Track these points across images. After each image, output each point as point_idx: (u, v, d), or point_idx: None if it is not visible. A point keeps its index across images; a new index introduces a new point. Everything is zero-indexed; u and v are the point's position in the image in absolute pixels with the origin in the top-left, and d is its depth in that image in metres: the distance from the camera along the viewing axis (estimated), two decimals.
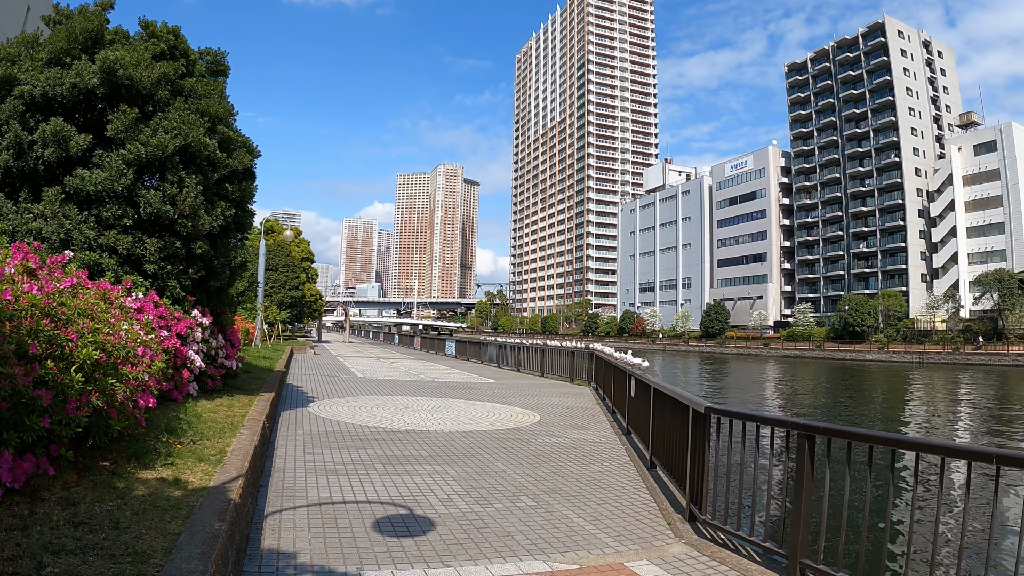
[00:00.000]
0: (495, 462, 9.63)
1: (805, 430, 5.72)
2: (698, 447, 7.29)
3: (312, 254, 71.67)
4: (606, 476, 9.30)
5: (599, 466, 9.94)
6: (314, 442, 10.10)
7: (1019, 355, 76.79)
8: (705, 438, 7.10)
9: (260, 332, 33.92)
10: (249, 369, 16.84)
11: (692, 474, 7.36)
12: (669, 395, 8.56)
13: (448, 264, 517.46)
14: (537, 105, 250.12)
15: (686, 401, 7.63)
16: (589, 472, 9.46)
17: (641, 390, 11.13)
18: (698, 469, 7.28)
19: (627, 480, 9.16)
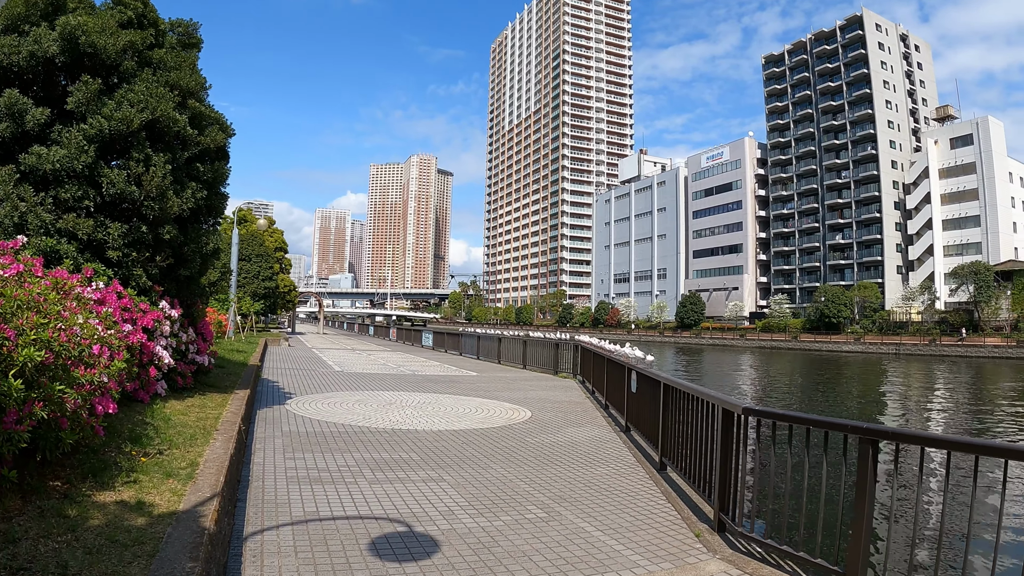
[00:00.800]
0: (493, 465, 8.86)
1: (868, 435, 5.01)
2: (729, 452, 6.57)
3: (286, 244, 70.41)
4: (615, 479, 8.57)
5: (604, 468, 9.20)
6: (295, 445, 9.26)
7: (995, 347, 77.54)
8: (739, 442, 6.37)
9: (233, 324, 32.88)
10: (222, 364, 15.94)
11: (722, 481, 6.63)
12: (691, 394, 7.80)
13: (421, 255, 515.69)
14: (512, 95, 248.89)
15: (715, 400, 6.90)
16: (596, 475, 8.72)
17: (647, 385, 10.40)
18: (729, 476, 6.57)
19: (638, 484, 8.43)
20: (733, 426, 6.53)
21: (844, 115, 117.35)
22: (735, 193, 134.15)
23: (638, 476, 8.86)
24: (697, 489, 7.56)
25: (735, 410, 6.38)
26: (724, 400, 6.67)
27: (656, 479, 8.71)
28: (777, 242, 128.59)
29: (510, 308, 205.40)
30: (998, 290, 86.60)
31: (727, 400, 6.63)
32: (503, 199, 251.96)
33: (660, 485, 8.41)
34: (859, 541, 5.04)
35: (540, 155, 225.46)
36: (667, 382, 9.05)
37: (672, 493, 8.01)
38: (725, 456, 6.64)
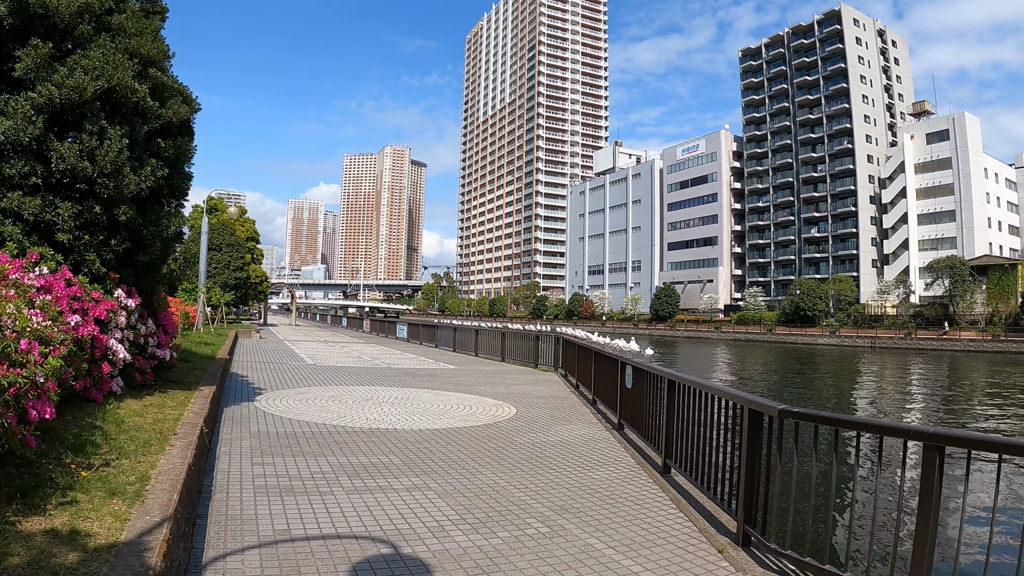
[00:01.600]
0: (483, 470, 8.09)
1: (935, 440, 4.30)
2: (758, 457, 5.88)
3: (257, 234, 69.13)
4: (617, 485, 7.85)
5: (603, 471, 8.47)
6: (264, 447, 8.43)
7: (971, 341, 78.01)
8: (769, 446, 5.66)
9: (202, 315, 31.81)
10: (188, 357, 15.03)
11: (748, 490, 5.93)
12: (709, 392, 7.06)
13: (394, 246, 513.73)
14: (487, 86, 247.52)
15: (739, 400, 6.20)
16: (595, 480, 7.98)
17: (647, 382, 9.66)
18: (756, 485, 5.87)
19: (643, 490, 7.71)
20: (762, 429, 5.84)
21: (821, 109, 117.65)
22: (710, 186, 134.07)
23: (641, 481, 8.15)
24: (713, 497, 6.84)
25: (767, 411, 5.67)
26: (752, 400, 5.96)
27: (662, 484, 8.02)
28: (752, 235, 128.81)
29: (483, 300, 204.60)
30: (973, 284, 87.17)
31: (756, 400, 5.91)
32: (477, 190, 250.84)
33: (667, 491, 7.72)
34: (922, 564, 4.35)
35: (515, 146, 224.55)
36: (675, 378, 8.32)
37: (682, 500, 7.33)
38: (752, 463, 5.96)
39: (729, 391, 6.60)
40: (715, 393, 6.90)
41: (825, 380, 46.30)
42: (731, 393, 6.51)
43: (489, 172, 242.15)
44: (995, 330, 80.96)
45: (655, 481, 8.17)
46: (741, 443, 6.09)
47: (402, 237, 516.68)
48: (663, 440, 8.61)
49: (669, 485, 7.95)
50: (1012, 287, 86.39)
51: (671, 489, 7.77)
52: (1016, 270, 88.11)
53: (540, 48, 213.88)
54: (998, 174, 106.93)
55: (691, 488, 7.80)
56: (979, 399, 35.19)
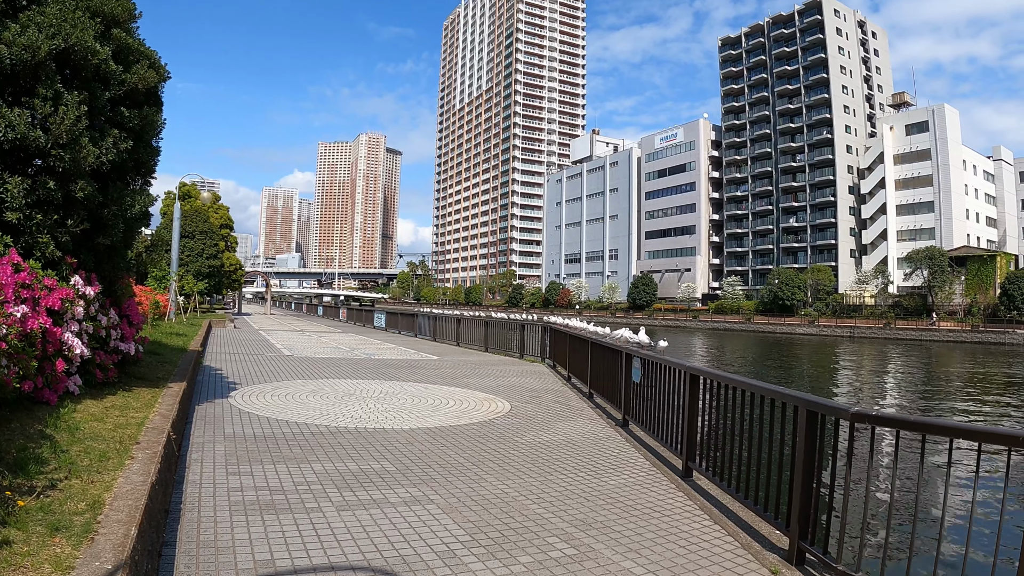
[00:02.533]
0: (487, 476, 7.25)
1: None
2: (815, 465, 5.18)
3: (231, 221, 67.68)
4: (637, 492, 7.07)
5: (619, 476, 7.68)
6: (240, 453, 7.51)
7: (950, 331, 78.26)
8: (834, 454, 4.90)
9: (174, 305, 30.67)
10: (158, 350, 14.04)
11: (803, 503, 5.18)
12: (756, 392, 6.23)
13: (369, 234, 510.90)
14: (464, 73, 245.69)
15: (797, 401, 5.38)
16: (613, 487, 7.19)
17: (661, 376, 8.85)
18: (814, 497, 5.14)
19: (667, 498, 6.95)
20: (817, 431, 5.13)
21: (800, 99, 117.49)
22: (689, 174, 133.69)
23: (662, 487, 7.36)
24: (754, 507, 6.06)
25: (835, 415, 4.89)
26: (814, 401, 5.17)
27: (686, 490, 7.24)
28: (730, 224, 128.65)
29: (459, 288, 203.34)
30: (952, 275, 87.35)
31: (818, 401, 5.13)
32: (453, 178, 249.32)
33: (693, 498, 6.95)
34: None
35: (491, 134, 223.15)
36: (699, 373, 7.56)
37: (713, 509, 6.57)
38: (808, 471, 5.19)
39: (778, 390, 5.79)
40: (761, 392, 6.09)
41: (804, 368, 46.05)
42: (783, 392, 5.70)
43: (465, 160, 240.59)
44: (974, 320, 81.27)
45: (678, 487, 7.39)
46: (795, 449, 5.31)
47: (377, 225, 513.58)
48: (683, 441, 7.83)
49: (694, 491, 7.19)
50: (990, 278, 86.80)
51: (697, 496, 7.00)
52: (995, 261, 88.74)
53: (518, 36, 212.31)
54: (976, 166, 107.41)
55: (719, 493, 7.08)
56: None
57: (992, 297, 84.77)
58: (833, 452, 4.99)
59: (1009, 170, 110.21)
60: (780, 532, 5.65)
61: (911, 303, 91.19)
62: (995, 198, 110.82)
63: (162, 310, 27.05)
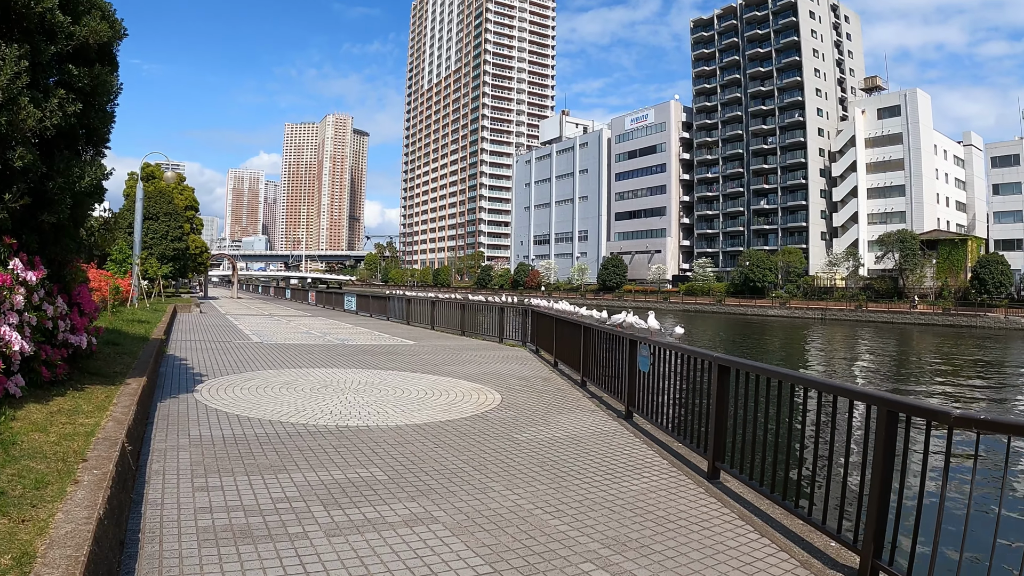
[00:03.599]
0: (493, 485, 6.34)
1: None
2: (888, 474, 4.49)
3: (197, 202, 65.91)
4: (665, 499, 6.24)
5: (639, 480, 6.83)
6: (208, 462, 6.52)
7: (922, 314, 78.67)
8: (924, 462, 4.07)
9: (137, 290, 29.39)
10: (116, 339, 12.94)
11: (878, 515, 4.41)
12: (818, 387, 5.40)
13: (336, 216, 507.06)
14: (432, 54, 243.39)
15: (879, 402, 4.57)
16: (636, 494, 6.35)
17: (683, 367, 8.00)
18: (887, 506, 4.40)
19: (699, 504, 6.13)
20: (896, 434, 4.37)
21: (772, 82, 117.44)
22: (659, 156, 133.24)
23: (690, 491, 6.54)
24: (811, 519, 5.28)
25: (929, 417, 4.08)
26: (898, 401, 4.39)
27: (717, 495, 6.44)
28: (701, 206, 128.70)
29: (427, 270, 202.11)
30: (923, 259, 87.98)
31: (904, 402, 4.35)
32: (421, 159, 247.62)
33: (728, 505, 6.15)
34: None
35: (460, 115, 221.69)
36: (730, 363, 6.77)
37: (754, 519, 5.78)
38: (885, 481, 4.44)
39: (847, 387, 4.98)
40: (817, 388, 5.28)
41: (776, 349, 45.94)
42: (851, 390, 4.88)
43: (434, 141, 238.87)
44: (945, 304, 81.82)
45: (706, 491, 6.57)
46: (876, 454, 4.50)
47: (344, 207, 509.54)
48: (710, 439, 7.01)
49: (726, 496, 6.40)
50: (961, 262, 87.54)
51: (732, 502, 6.20)
52: (965, 245, 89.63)
53: (487, 15, 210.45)
54: (947, 151, 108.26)
55: (753, 497, 6.34)
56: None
57: (963, 281, 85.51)
58: (915, 459, 4.17)
59: (979, 155, 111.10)
60: (846, 548, 4.90)
61: (882, 286, 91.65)
62: (965, 183, 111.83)
63: (123, 295, 25.81)
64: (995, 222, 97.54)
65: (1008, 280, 78.73)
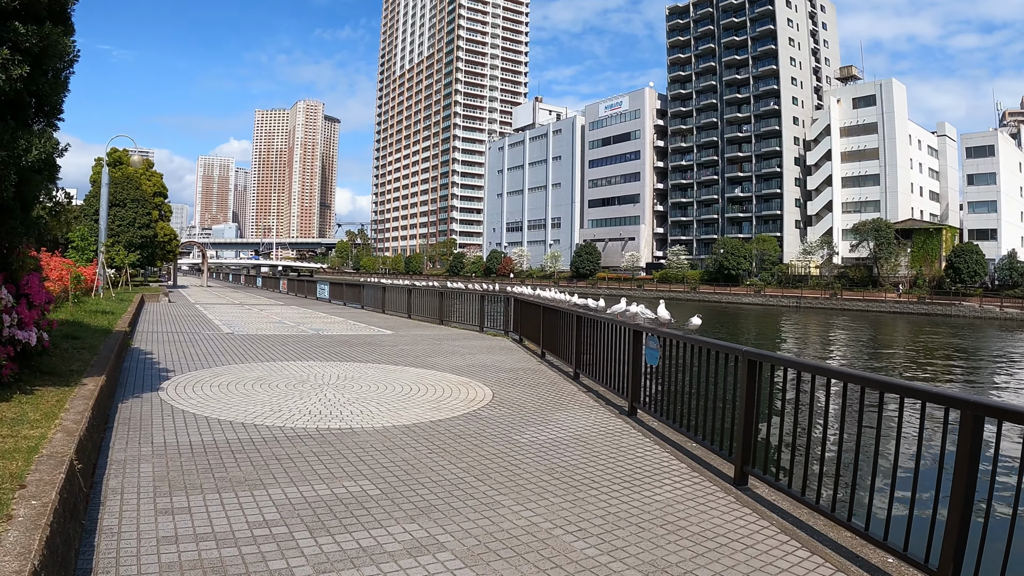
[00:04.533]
0: (501, 499, 5.59)
1: None
2: (971, 488, 3.91)
3: (165, 189, 64.21)
4: (695, 512, 5.54)
5: (660, 488, 6.14)
6: (173, 476, 5.69)
7: (896, 302, 79.01)
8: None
9: (103, 279, 28.21)
10: (77, 332, 12.00)
11: (960, 531, 3.79)
12: (882, 386, 4.72)
13: (307, 203, 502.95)
14: (405, 39, 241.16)
15: (969, 407, 3.90)
16: (662, 505, 5.66)
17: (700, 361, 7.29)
18: (965, 522, 3.86)
19: (736, 517, 5.45)
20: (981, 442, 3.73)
21: (748, 70, 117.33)
22: (633, 143, 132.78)
23: (719, 500, 5.87)
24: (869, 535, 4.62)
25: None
26: (992, 406, 3.74)
27: (750, 504, 5.80)
28: (675, 193, 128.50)
29: (399, 257, 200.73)
30: (898, 247, 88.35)
31: (999, 406, 3.69)
32: (393, 146, 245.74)
33: (766, 517, 5.50)
34: None
35: (432, 101, 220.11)
36: (761, 358, 6.11)
37: (799, 532, 5.17)
38: (968, 497, 3.86)
39: (912, 386, 4.33)
40: (880, 387, 4.63)
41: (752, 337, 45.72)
42: (929, 392, 4.21)
43: (406, 127, 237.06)
44: (920, 292, 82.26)
45: (737, 499, 5.93)
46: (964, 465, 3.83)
47: (315, 194, 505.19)
48: (737, 442, 6.34)
49: (760, 505, 5.78)
50: (936, 251, 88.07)
51: (770, 514, 5.58)
52: (940, 234, 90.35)
53: (460, 1, 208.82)
54: (921, 141, 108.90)
55: (790, 506, 5.72)
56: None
57: (937, 269, 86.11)
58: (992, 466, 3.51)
59: (952, 146, 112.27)
60: (917, 569, 4.26)
61: (856, 274, 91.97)
62: (938, 173, 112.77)
63: (86, 285, 24.74)
64: (969, 212, 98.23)
65: (983, 269, 79.23)
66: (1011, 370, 32.17)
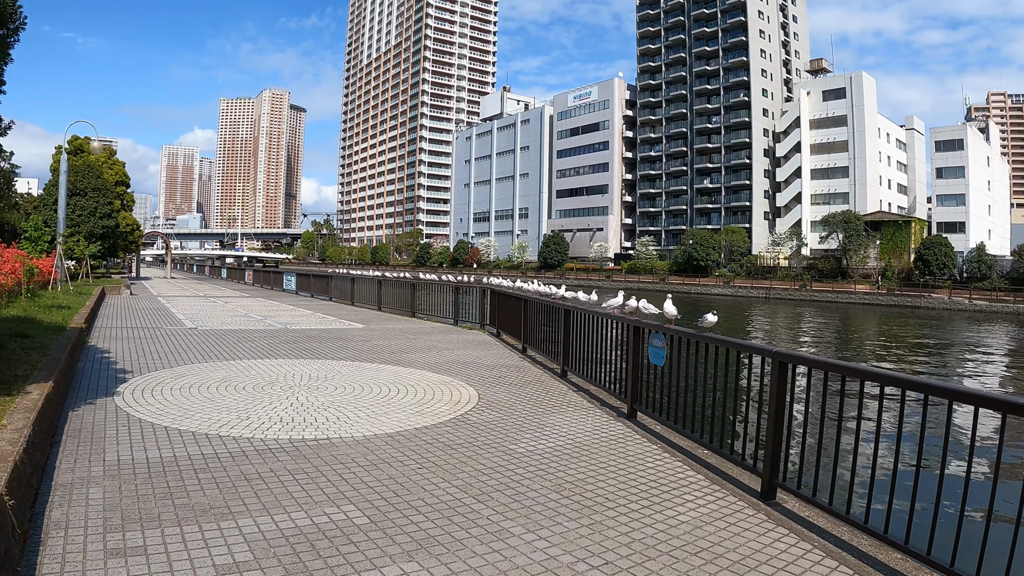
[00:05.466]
0: (510, 525, 4.89)
1: None
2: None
3: (128, 177, 62.45)
4: (729, 534, 4.92)
5: (683, 505, 5.49)
6: (127, 504, 4.88)
7: (866, 294, 79.83)
8: None
9: (62, 271, 26.98)
10: (26, 331, 11.05)
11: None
12: (930, 389, 4.11)
13: (273, 193, 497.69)
14: (372, 28, 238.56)
15: None
16: (689, 526, 5.02)
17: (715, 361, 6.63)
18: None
19: (773, 540, 4.83)
20: None
21: (718, 61, 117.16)
22: (602, 133, 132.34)
23: (750, 519, 5.25)
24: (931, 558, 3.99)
25: None
26: None
27: (785, 523, 5.19)
28: (644, 184, 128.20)
29: (365, 248, 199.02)
30: (867, 239, 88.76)
31: None
32: (359, 135, 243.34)
33: (807, 538, 4.89)
34: None
35: (399, 90, 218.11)
36: (791, 359, 5.50)
37: (845, 556, 4.55)
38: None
39: (965, 390, 3.70)
40: (922, 390, 4.01)
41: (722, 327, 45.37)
42: (977, 395, 3.60)
43: (372, 116, 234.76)
44: (889, 284, 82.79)
45: (769, 517, 5.33)
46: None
47: (280, 184, 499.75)
48: (764, 452, 5.70)
49: (795, 523, 5.19)
50: (905, 243, 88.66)
51: (810, 533, 4.99)
52: (909, 227, 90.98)
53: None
54: (889, 134, 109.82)
55: (828, 523, 5.15)
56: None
57: (906, 262, 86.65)
58: None
59: (920, 139, 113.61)
60: None
61: (826, 265, 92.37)
62: (906, 166, 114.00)
63: (42, 278, 23.64)
64: (938, 205, 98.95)
65: (952, 262, 79.86)
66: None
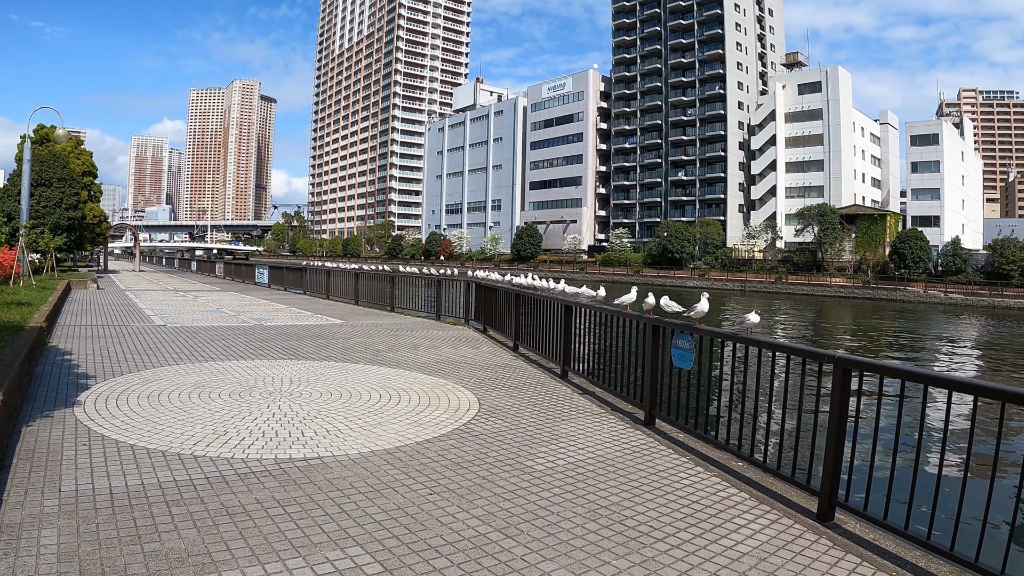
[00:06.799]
0: (551, 568, 4.10)
1: None
2: None
3: (95, 168, 60.74)
4: (794, 565, 4.24)
5: (738, 532, 4.78)
6: (86, 552, 3.97)
7: (841, 287, 79.95)
8: None
9: (25, 265, 25.68)
10: None
11: None
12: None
13: (243, 185, 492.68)
14: (344, 18, 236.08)
15: None
16: (752, 556, 4.35)
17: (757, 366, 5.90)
18: None
19: (844, 571, 4.13)
20: None
21: (694, 54, 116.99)
22: (576, 125, 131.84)
23: (813, 546, 4.56)
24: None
25: None
26: None
27: (852, 548, 4.56)
28: (618, 176, 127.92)
29: (336, 240, 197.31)
30: (842, 233, 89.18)
31: None
32: (331, 126, 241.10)
33: (882, 566, 4.27)
34: None
35: (372, 81, 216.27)
36: (856, 364, 4.86)
37: None
38: None
39: None
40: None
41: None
42: None
43: (344, 107, 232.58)
44: (865, 277, 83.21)
45: (833, 541, 4.71)
46: None
47: (251, 176, 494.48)
48: (826, 469, 5.06)
49: (863, 548, 4.55)
50: (880, 237, 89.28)
51: (884, 561, 4.41)
52: (885, 220, 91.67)
53: None
54: (864, 128, 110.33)
55: (895, 548, 4.57)
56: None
57: (882, 255, 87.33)
58: None
59: (894, 134, 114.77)
60: None
61: (801, 258, 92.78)
62: (880, 160, 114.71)
63: (3, 272, 22.47)
64: (913, 199, 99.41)
65: (927, 255, 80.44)
66: None
